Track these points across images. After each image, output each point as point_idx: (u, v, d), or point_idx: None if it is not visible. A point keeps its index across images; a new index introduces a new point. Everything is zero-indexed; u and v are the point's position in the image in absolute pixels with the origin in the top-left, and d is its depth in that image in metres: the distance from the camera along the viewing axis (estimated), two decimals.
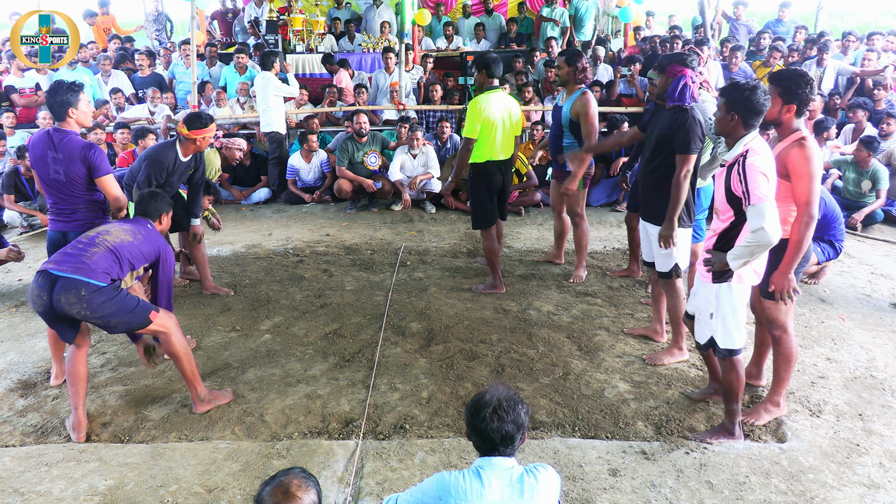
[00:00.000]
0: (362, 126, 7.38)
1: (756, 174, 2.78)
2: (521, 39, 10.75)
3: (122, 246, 3.31)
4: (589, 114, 4.67)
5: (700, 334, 3.21)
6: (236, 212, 7.56)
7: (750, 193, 2.77)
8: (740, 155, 2.87)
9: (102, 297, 3.14)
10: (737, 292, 3.04)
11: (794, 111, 3.05)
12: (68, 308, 3.11)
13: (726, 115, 2.93)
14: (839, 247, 5.03)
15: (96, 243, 3.28)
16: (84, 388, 3.38)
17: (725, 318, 3.07)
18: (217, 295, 5.07)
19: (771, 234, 2.74)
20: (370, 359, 4.07)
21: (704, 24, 9.16)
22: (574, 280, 5.28)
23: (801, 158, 2.97)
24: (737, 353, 3.12)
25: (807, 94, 3.02)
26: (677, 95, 3.68)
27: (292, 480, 1.85)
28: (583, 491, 2.89)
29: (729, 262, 2.89)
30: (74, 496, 2.89)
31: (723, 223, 3.02)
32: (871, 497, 2.85)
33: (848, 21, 18.53)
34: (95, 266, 3.16)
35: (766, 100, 2.90)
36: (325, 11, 10.99)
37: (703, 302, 3.14)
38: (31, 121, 8.44)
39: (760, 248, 2.79)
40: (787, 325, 3.30)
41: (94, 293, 3.11)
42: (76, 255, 3.20)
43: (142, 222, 3.58)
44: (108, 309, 3.16)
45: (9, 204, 6.89)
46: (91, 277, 3.12)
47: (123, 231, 3.41)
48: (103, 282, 3.16)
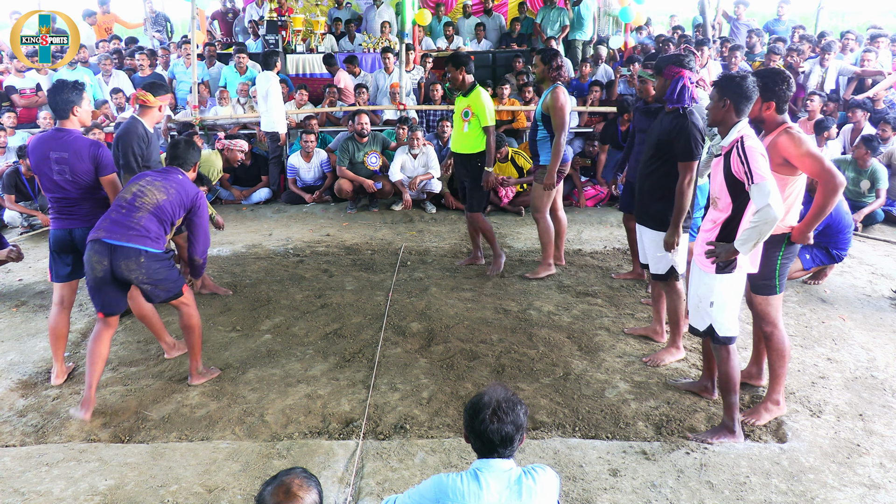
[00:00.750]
0: (364, 126, 7.38)
1: (756, 154, 2.85)
2: (521, 39, 10.75)
3: (161, 206, 3.46)
4: (557, 106, 4.78)
5: (697, 321, 3.26)
6: (237, 212, 7.56)
7: (753, 173, 2.82)
8: (736, 140, 2.94)
9: (158, 264, 3.44)
10: (737, 280, 3.10)
11: (774, 108, 3.13)
12: (128, 273, 3.37)
13: (719, 102, 3.02)
14: (837, 255, 5.01)
15: (137, 206, 3.43)
16: (101, 369, 3.54)
17: (726, 306, 3.12)
18: (217, 295, 5.07)
19: (776, 210, 2.78)
20: (370, 359, 4.07)
21: (704, 24, 9.16)
22: (532, 276, 5.33)
23: (791, 142, 3.05)
24: (732, 340, 3.18)
25: (783, 90, 3.10)
26: (676, 97, 3.67)
27: (294, 480, 1.86)
28: (583, 491, 2.89)
29: (738, 248, 2.93)
30: (74, 496, 2.89)
31: (722, 212, 3.05)
32: (871, 497, 2.85)
33: (848, 21, 18.54)
34: (146, 232, 3.39)
35: (754, 87, 2.98)
36: (326, 11, 10.99)
37: (705, 291, 3.16)
38: (32, 121, 8.45)
39: (767, 225, 2.82)
40: (777, 321, 3.35)
41: (151, 259, 3.40)
42: (124, 223, 3.38)
43: (173, 172, 3.63)
44: (160, 274, 3.46)
45: (9, 204, 6.90)
46: (147, 245, 3.38)
47: (157, 189, 3.49)
48: (159, 248, 3.44)
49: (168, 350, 4.09)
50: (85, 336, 4.51)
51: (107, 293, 3.45)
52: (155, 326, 4.02)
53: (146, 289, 3.47)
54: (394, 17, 10.33)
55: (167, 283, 3.50)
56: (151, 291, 3.49)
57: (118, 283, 3.45)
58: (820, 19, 10.75)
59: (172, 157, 3.71)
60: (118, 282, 3.44)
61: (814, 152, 3.04)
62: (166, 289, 3.51)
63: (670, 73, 3.69)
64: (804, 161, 3.04)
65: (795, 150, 3.04)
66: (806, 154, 3.03)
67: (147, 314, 3.95)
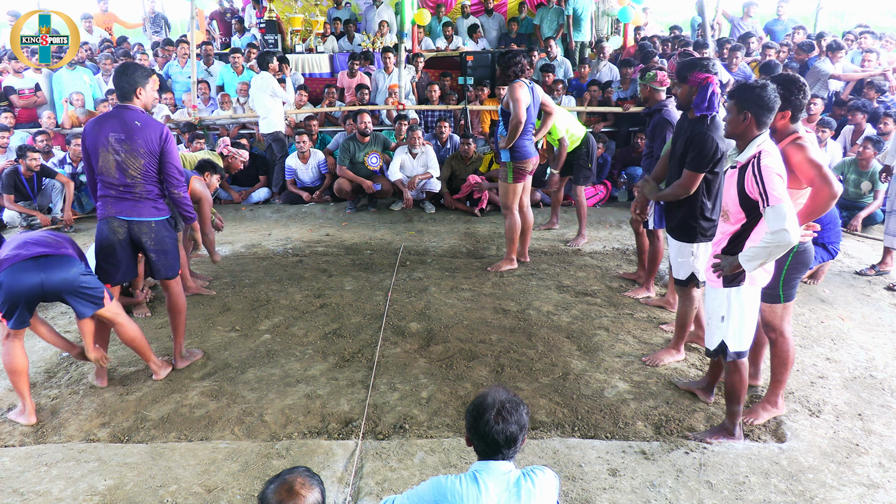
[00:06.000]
0: (367, 126, 7.37)
1: (772, 175, 2.73)
2: (520, 39, 10.74)
3: (145, 168, 3.63)
4: (514, 97, 5.02)
5: (710, 340, 3.17)
6: (236, 212, 7.56)
7: (768, 195, 2.71)
8: (753, 156, 2.81)
9: (166, 231, 3.79)
10: (747, 295, 3.00)
11: (789, 117, 3.05)
12: (141, 236, 3.72)
13: (738, 116, 2.86)
14: (833, 249, 5.02)
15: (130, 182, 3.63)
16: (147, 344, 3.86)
17: (737, 320, 3.03)
18: (216, 295, 5.07)
19: (792, 235, 2.67)
20: (370, 359, 4.07)
21: (704, 25, 9.15)
22: (493, 269, 5.51)
23: (798, 151, 2.98)
24: (743, 355, 3.11)
25: (800, 100, 3.01)
26: (707, 105, 3.47)
27: (296, 479, 1.87)
28: (582, 491, 2.89)
29: (743, 265, 2.84)
30: (74, 496, 2.89)
31: (733, 226, 2.97)
32: (870, 497, 2.85)
33: (848, 21, 18.51)
34: (147, 202, 3.68)
35: (776, 96, 2.83)
36: (325, 11, 10.99)
37: (714, 306, 3.09)
38: (31, 121, 8.45)
39: (780, 248, 2.72)
40: (784, 329, 3.30)
41: (160, 226, 3.75)
42: (128, 199, 3.65)
43: (126, 113, 3.61)
44: (167, 244, 3.80)
45: (9, 204, 6.89)
46: (152, 216, 3.71)
47: (130, 155, 3.59)
48: (165, 215, 3.77)
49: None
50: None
51: (122, 260, 3.75)
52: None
53: (152, 257, 3.77)
54: (393, 16, 10.33)
55: (170, 258, 3.81)
56: (157, 262, 3.79)
57: (131, 252, 3.77)
58: (819, 19, 10.75)
59: (121, 95, 3.64)
60: (132, 248, 3.77)
61: (815, 160, 2.95)
62: (169, 264, 3.82)
63: (696, 80, 3.49)
64: (804, 167, 2.96)
65: (799, 157, 2.96)
66: (807, 160, 2.95)
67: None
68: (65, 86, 8.59)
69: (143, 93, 3.67)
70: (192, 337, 4.38)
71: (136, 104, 3.65)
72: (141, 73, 3.65)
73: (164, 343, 4.27)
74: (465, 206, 7.42)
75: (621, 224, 6.88)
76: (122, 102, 3.65)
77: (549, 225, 6.78)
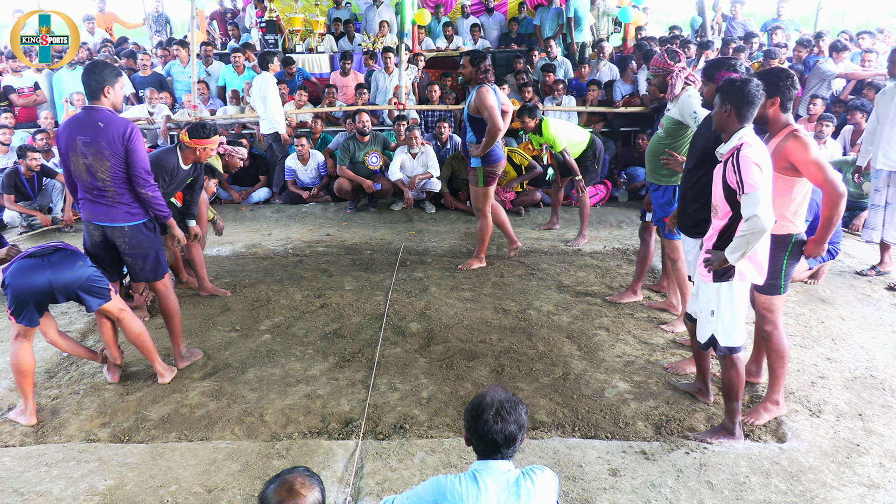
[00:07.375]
0: (365, 125, 7.38)
1: (749, 164, 2.80)
2: (520, 39, 10.75)
3: (113, 171, 3.56)
4: (486, 105, 5.04)
5: (701, 333, 3.22)
6: (236, 212, 7.56)
7: (743, 182, 2.79)
8: (735, 148, 2.90)
9: (142, 235, 3.73)
10: (738, 290, 3.05)
11: (779, 104, 3.11)
12: (115, 240, 3.70)
13: (721, 108, 2.96)
14: (834, 249, 5.03)
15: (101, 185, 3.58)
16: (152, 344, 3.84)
17: (726, 315, 3.08)
18: (216, 295, 5.07)
19: (764, 221, 2.74)
20: (370, 359, 4.07)
21: (704, 25, 9.16)
22: (463, 267, 5.62)
23: (799, 146, 3.02)
24: (737, 350, 3.13)
25: (787, 86, 3.08)
26: None
27: (297, 478, 1.87)
28: (582, 491, 2.88)
29: (728, 257, 2.90)
30: (74, 496, 2.89)
31: (721, 220, 3.03)
32: (871, 497, 2.85)
33: (848, 21, 18.53)
34: (121, 207, 3.63)
35: (758, 90, 2.91)
36: (325, 11, 10.99)
37: (704, 301, 3.15)
38: (31, 120, 8.45)
39: (755, 235, 2.79)
40: (778, 322, 3.34)
41: (134, 231, 3.69)
42: (101, 203, 3.62)
43: (92, 114, 3.54)
44: (145, 247, 3.74)
45: (9, 204, 6.89)
46: (125, 221, 3.65)
47: (96, 158, 3.52)
48: (140, 219, 3.70)
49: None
50: (85, 336, 4.51)
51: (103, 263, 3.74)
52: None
53: (128, 262, 3.76)
54: (393, 16, 10.33)
55: (149, 262, 3.78)
56: (134, 266, 3.76)
57: (110, 255, 3.77)
58: (819, 19, 10.75)
59: (89, 94, 3.59)
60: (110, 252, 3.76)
61: (820, 161, 3.01)
62: (149, 268, 3.79)
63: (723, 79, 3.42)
64: (809, 167, 3.02)
65: (802, 156, 3.02)
66: (812, 161, 3.01)
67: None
68: (65, 86, 8.59)
69: (112, 92, 3.58)
70: (192, 337, 4.38)
71: (103, 104, 3.58)
72: (109, 71, 3.58)
73: (164, 343, 4.27)
74: (466, 206, 7.42)
75: (622, 224, 6.89)
76: (91, 102, 3.60)
77: (549, 225, 6.78)
